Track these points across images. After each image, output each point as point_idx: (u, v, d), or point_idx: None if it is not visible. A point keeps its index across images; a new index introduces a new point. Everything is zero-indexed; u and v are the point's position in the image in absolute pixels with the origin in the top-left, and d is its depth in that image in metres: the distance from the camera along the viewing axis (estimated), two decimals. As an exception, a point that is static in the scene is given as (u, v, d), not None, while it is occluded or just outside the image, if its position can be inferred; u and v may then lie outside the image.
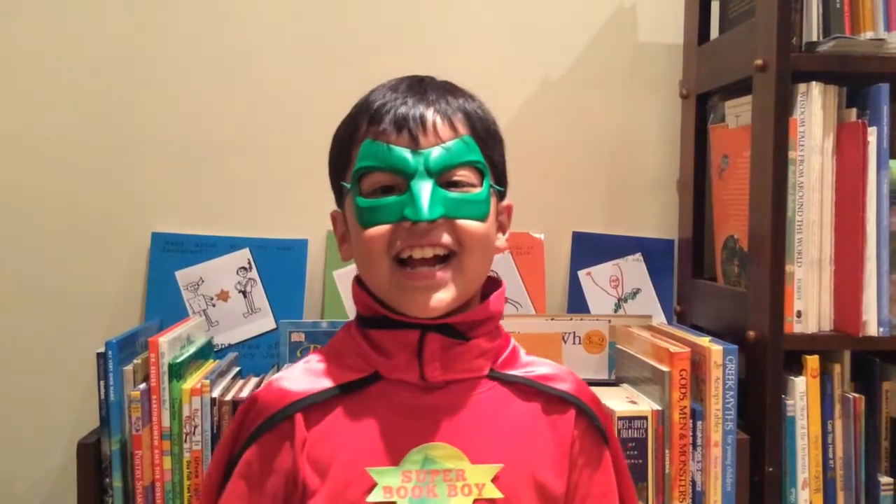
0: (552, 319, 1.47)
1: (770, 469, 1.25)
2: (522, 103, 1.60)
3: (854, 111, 1.28)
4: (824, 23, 1.29)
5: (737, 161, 1.41)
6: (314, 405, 0.88)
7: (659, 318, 1.56)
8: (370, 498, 0.84)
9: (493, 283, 0.94)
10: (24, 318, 1.54)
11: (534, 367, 0.94)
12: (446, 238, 0.86)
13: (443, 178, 0.86)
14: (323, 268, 1.56)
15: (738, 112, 1.42)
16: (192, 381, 1.27)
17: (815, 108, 1.27)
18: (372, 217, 0.86)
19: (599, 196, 1.62)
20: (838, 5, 1.28)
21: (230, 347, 1.52)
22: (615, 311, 1.60)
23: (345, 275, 1.54)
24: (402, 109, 0.87)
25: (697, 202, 1.54)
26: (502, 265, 1.56)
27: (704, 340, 1.26)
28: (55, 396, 1.53)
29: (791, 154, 1.26)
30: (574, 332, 1.46)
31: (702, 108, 1.54)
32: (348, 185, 0.89)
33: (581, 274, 1.61)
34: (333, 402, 0.88)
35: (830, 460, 1.28)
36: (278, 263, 1.55)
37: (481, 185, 0.89)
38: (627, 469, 0.98)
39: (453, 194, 0.86)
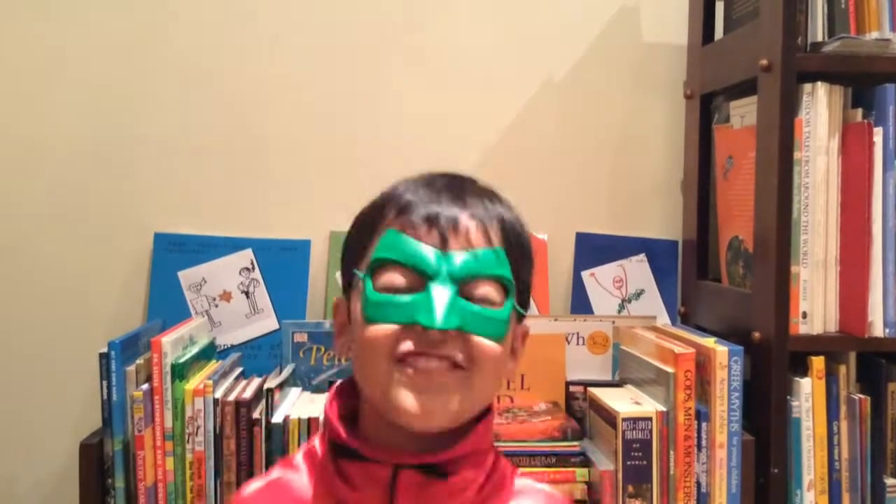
0: (556, 320, 1.47)
1: (775, 470, 1.24)
2: (526, 103, 1.59)
3: (860, 111, 1.27)
4: (829, 23, 1.28)
5: (741, 161, 1.40)
6: None
7: (663, 320, 1.55)
8: None
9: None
10: (26, 318, 1.54)
11: (524, 498, 0.84)
12: (458, 354, 0.77)
13: (465, 288, 0.77)
14: (326, 268, 1.56)
15: (742, 112, 1.41)
16: (195, 381, 1.27)
17: (820, 109, 1.26)
18: (381, 314, 0.77)
19: (603, 197, 1.62)
20: (843, 5, 1.28)
21: (233, 348, 1.51)
22: (619, 311, 1.59)
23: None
24: (435, 207, 0.79)
25: (702, 203, 1.54)
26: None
27: (709, 341, 1.25)
28: (58, 397, 1.53)
29: (796, 154, 1.26)
30: (578, 333, 1.45)
31: (706, 108, 1.54)
32: (361, 275, 0.79)
33: (585, 275, 1.60)
34: None
35: (836, 462, 1.27)
36: (281, 264, 1.54)
37: (503, 304, 0.80)
38: None
39: (473, 307, 0.77)
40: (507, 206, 0.86)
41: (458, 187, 0.83)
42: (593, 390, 1.33)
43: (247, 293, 1.54)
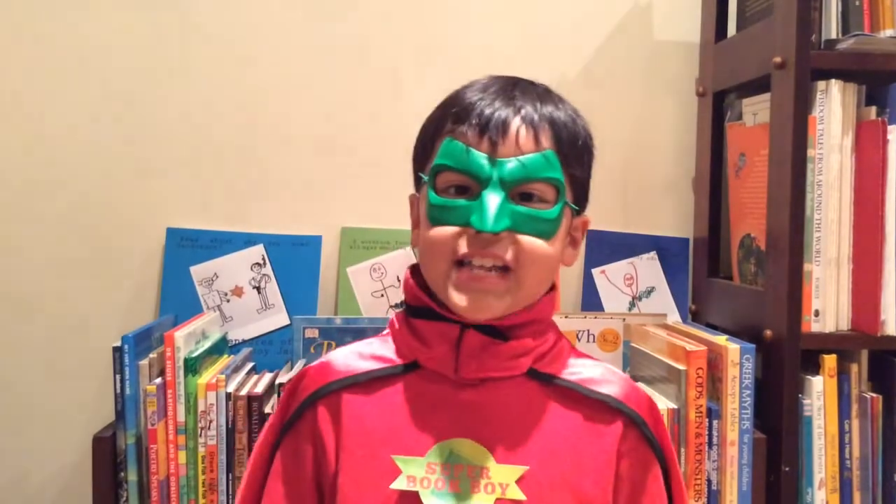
0: (566, 317, 1.47)
1: (786, 469, 1.24)
2: (538, 100, 1.59)
3: (873, 109, 1.27)
4: (843, 20, 1.28)
5: (754, 159, 1.40)
6: (355, 385, 0.90)
7: (673, 317, 1.55)
8: (394, 485, 0.85)
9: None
10: (40, 312, 1.55)
11: (580, 368, 0.92)
12: (508, 254, 0.85)
13: (516, 190, 0.85)
14: (337, 264, 1.56)
15: (755, 110, 1.41)
16: (207, 375, 1.27)
17: (834, 106, 1.26)
18: (440, 216, 0.86)
19: (615, 194, 1.62)
20: (858, 3, 1.28)
21: (244, 343, 1.52)
22: (629, 309, 1.59)
23: (358, 271, 1.54)
24: (487, 112, 0.86)
25: (713, 200, 1.54)
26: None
27: (721, 339, 1.25)
28: (71, 391, 1.54)
29: (810, 152, 1.25)
30: (588, 330, 1.45)
31: (718, 105, 1.53)
32: (425, 178, 0.89)
33: (595, 272, 1.60)
34: (373, 385, 0.90)
35: (847, 460, 1.27)
36: (292, 259, 1.55)
37: (556, 201, 0.87)
38: (682, 480, 0.95)
39: (522, 209, 0.85)
40: (558, 104, 0.91)
41: (510, 90, 0.89)
42: (604, 387, 1.33)
43: (258, 288, 1.54)
